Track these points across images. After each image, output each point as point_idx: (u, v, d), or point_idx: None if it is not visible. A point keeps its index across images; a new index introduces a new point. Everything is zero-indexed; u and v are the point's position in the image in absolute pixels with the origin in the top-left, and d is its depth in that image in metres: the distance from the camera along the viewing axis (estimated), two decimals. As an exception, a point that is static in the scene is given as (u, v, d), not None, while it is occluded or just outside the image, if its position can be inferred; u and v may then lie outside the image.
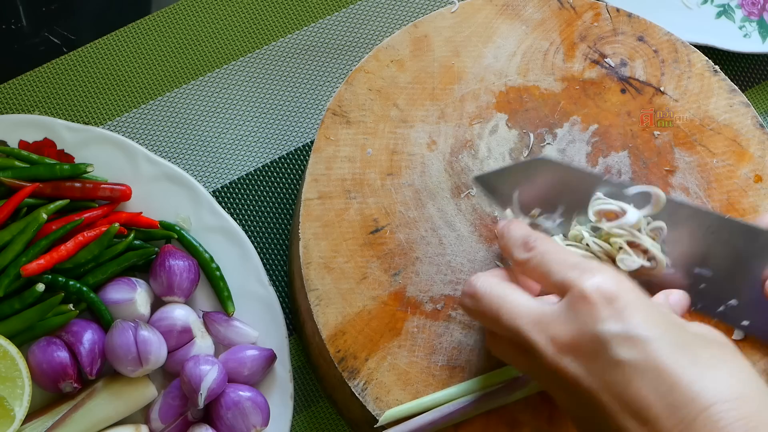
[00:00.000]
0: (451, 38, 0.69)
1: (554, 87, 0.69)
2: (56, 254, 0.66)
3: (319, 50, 0.78)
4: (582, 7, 0.71)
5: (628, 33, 0.70)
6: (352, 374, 0.62)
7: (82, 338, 0.65)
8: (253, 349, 0.68)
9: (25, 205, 0.68)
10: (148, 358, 0.64)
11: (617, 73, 0.70)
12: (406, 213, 0.66)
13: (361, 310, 0.63)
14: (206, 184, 0.75)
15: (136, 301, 0.67)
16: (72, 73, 0.76)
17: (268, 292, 0.70)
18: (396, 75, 0.68)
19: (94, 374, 0.65)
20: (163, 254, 0.68)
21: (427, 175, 0.66)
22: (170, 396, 0.66)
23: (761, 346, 0.65)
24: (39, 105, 0.75)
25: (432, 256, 0.65)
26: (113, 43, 0.77)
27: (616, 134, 0.68)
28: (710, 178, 0.67)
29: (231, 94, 0.77)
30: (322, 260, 0.64)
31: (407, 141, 0.67)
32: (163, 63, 0.77)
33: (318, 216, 0.65)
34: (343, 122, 0.67)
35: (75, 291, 0.66)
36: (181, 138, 0.76)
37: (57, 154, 0.70)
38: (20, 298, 0.66)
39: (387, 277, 0.64)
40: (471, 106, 0.68)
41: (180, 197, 0.71)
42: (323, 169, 0.66)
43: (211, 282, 0.70)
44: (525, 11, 0.70)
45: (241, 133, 0.76)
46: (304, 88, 0.78)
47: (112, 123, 0.75)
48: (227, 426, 0.65)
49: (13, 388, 0.63)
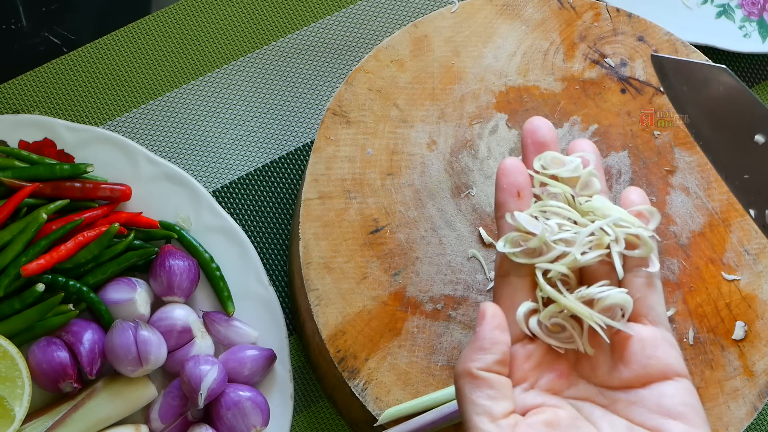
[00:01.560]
0: (451, 38, 0.69)
1: (554, 87, 0.69)
2: (56, 254, 0.66)
3: (319, 50, 0.78)
4: (582, 7, 0.71)
5: (628, 33, 0.70)
6: (352, 374, 0.62)
7: (82, 338, 0.65)
8: (253, 349, 0.68)
9: (25, 205, 0.68)
10: (148, 358, 0.64)
11: (617, 73, 0.70)
12: (406, 213, 0.66)
13: (361, 310, 0.63)
14: (206, 184, 0.75)
15: (136, 301, 0.67)
16: (72, 73, 0.76)
17: (268, 292, 0.70)
18: (396, 75, 0.68)
19: (94, 374, 0.65)
20: (163, 254, 0.68)
21: (427, 175, 0.66)
22: (170, 396, 0.66)
23: (761, 346, 0.65)
24: (39, 105, 0.75)
25: (432, 256, 0.65)
26: (113, 43, 0.77)
27: (616, 134, 0.68)
28: (710, 178, 0.67)
29: (231, 94, 0.77)
30: (322, 260, 0.64)
31: (407, 141, 0.67)
32: (163, 63, 0.77)
33: (318, 216, 0.65)
34: (343, 122, 0.67)
35: (75, 291, 0.66)
36: (181, 138, 0.76)
37: (57, 154, 0.70)
38: (20, 298, 0.66)
39: (387, 277, 0.64)
40: (471, 106, 0.68)
41: (180, 197, 0.71)
42: (323, 169, 0.66)
43: (211, 282, 0.70)
44: (525, 11, 0.70)
45: (241, 133, 0.76)
46: (304, 88, 0.78)
47: (112, 123, 0.75)
48: (227, 426, 0.65)
49: (13, 388, 0.63)
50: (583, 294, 0.49)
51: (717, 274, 0.66)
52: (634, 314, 0.50)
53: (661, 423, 0.46)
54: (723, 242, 0.67)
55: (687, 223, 0.67)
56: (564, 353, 0.50)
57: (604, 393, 0.49)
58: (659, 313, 0.50)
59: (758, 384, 0.64)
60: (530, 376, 0.49)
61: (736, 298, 0.66)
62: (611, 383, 0.49)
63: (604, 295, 0.49)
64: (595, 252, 0.50)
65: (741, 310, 0.65)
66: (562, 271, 0.50)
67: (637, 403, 0.47)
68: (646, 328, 0.49)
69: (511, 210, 0.52)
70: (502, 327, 0.49)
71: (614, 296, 0.49)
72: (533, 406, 0.48)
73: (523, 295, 0.51)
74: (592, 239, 0.50)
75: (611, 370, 0.49)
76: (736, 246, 0.67)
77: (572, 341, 0.49)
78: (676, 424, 0.46)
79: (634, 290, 0.50)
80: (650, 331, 0.49)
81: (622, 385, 0.48)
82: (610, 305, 0.49)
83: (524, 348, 0.50)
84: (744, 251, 0.67)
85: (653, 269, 0.50)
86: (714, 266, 0.66)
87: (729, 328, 0.65)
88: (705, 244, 0.67)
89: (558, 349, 0.50)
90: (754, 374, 0.64)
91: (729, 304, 0.66)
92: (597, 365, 0.49)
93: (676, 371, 0.48)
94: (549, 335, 0.50)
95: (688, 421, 0.46)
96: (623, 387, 0.48)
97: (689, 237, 0.67)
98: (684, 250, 0.66)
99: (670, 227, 0.67)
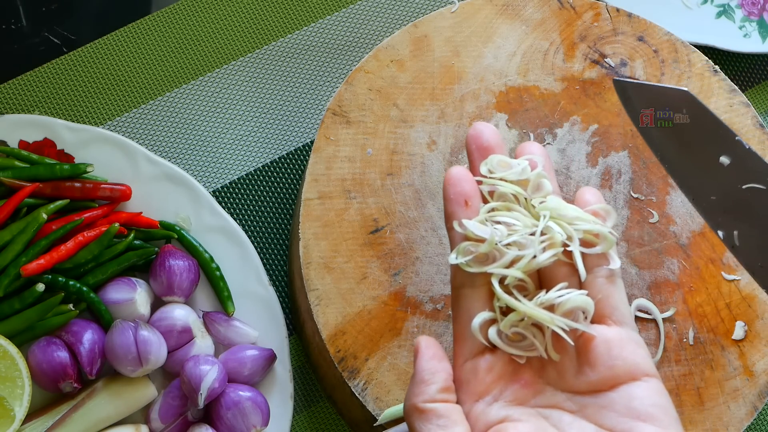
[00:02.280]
0: (451, 38, 0.69)
1: (554, 87, 0.69)
2: (56, 254, 0.66)
3: (319, 50, 0.78)
4: (582, 7, 0.71)
5: (628, 33, 0.70)
6: (352, 374, 0.62)
7: (82, 338, 0.65)
8: (253, 349, 0.68)
9: (25, 205, 0.68)
10: (148, 358, 0.64)
11: (617, 73, 0.70)
12: (406, 213, 0.66)
13: (361, 310, 0.63)
14: (206, 184, 0.75)
15: (136, 301, 0.67)
16: (72, 73, 0.76)
17: (268, 292, 0.70)
18: (396, 75, 0.68)
19: (94, 374, 0.65)
20: (163, 254, 0.68)
21: (427, 175, 0.66)
22: (170, 396, 0.66)
23: (761, 346, 0.65)
24: (39, 105, 0.75)
25: (432, 256, 0.65)
26: (113, 43, 0.77)
27: (616, 134, 0.68)
28: (710, 178, 0.67)
29: (231, 94, 0.77)
30: (322, 260, 0.64)
31: (407, 141, 0.67)
32: (163, 63, 0.77)
33: (318, 216, 0.65)
34: (343, 122, 0.67)
35: (75, 291, 0.66)
36: (181, 138, 0.76)
37: (57, 154, 0.70)
38: (20, 298, 0.66)
39: (387, 277, 0.64)
40: (471, 106, 0.68)
41: (180, 197, 0.71)
42: (323, 169, 0.66)
43: (211, 282, 0.70)
44: (525, 11, 0.70)
45: (241, 133, 0.76)
46: (304, 88, 0.78)
47: (112, 123, 0.75)
48: (227, 426, 0.65)
49: (13, 388, 0.63)
50: (542, 300, 0.48)
51: (717, 274, 0.66)
52: (598, 315, 0.48)
53: (632, 426, 0.45)
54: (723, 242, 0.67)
55: (687, 223, 0.67)
56: (527, 361, 0.48)
57: (572, 399, 0.47)
58: (623, 312, 0.49)
59: (758, 384, 0.64)
60: (493, 389, 0.48)
61: (736, 298, 0.66)
62: (579, 388, 0.47)
63: (564, 299, 0.47)
64: (550, 252, 0.48)
65: (741, 310, 0.65)
66: (518, 276, 0.48)
67: (606, 407, 0.46)
68: (611, 329, 0.48)
69: (459, 219, 0.50)
70: (438, 356, 0.48)
71: (574, 299, 0.47)
72: (497, 421, 0.47)
73: (480, 306, 0.49)
74: (545, 239, 0.49)
75: (578, 374, 0.48)
76: (736, 246, 0.67)
77: (535, 349, 0.48)
78: (646, 426, 0.45)
79: (596, 290, 0.49)
80: (615, 332, 0.48)
81: (590, 389, 0.47)
82: (571, 309, 0.48)
83: (485, 360, 0.48)
84: (744, 251, 0.67)
85: (614, 266, 0.49)
86: (714, 266, 0.66)
87: (729, 328, 0.65)
88: (705, 244, 0.67)
89: (518, 359, 0.48)
90: (754, 374, 0.64)
91: (729, 304, 0.66)
92: (563, 371, 0.48)
93: (644, 371, 0.47)
94: (510, 344, 0.48)
95: (658, 423, 0.45)
96: (591, 391, 0.47)
97: (689, 237, 0.67)
98: (684, 250, 0.66)
99: (670, 227, 0.67)
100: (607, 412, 0.46)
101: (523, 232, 0.49)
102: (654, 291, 0.65)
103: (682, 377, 0.64)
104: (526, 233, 0.49)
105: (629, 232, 0.66)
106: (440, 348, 0.48)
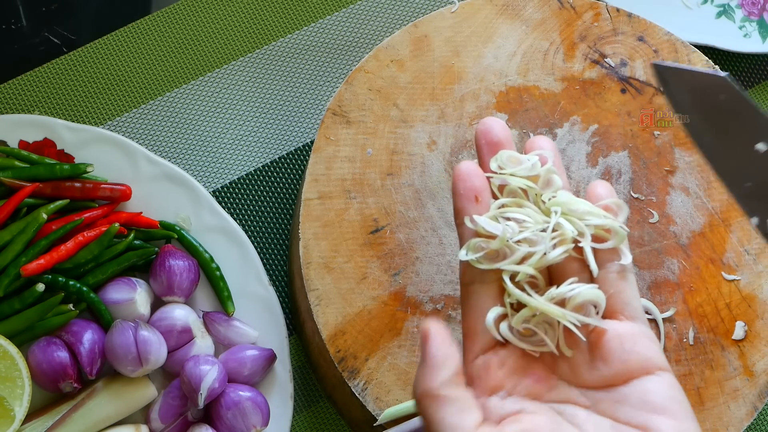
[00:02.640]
0: (451, 38, 0.69)
1: (554, 87, 0.69)
2: (56, 254, 0.66)
3: (319, 50, 0.78)
4: (582, 7, 0.71)
5: (628, 33, 0.70)
6: (352, 374, 0.62)
7: (82, 338, 0.65)
8: (253, 349, 0.68)
9: (25, 205, 0.68)
10: (148, 358, 0.64)
11: (617, 73, 0.70)
12: (406, 213, 0.66)
13: (361, 310, 0.63)
14: (206, 184, 0.75)
15: (136, 301, 0.67)
16: (72, 73, 0.76)
17: (268, 292, 0.70)
18: (396, 75, 0.68)
19: (94, 374, 0.65)
20: (163, 254, 0.68)
21: (427, 175, 0.66)
22: (170, 396, 0.66)
23: (761, 346, 0.65)
24: (39, 105, 0.75)
25: (432, 256, 0.65)
26: (113, 43, 0.77)
27: (616, 134, 0.68)
28: (710, 178, 0.67)
29: (231, 94, 0.77)
30: (322, 260, 0.64)
31: (407, 141, 0.67)
32: (163, 63, 0.77)
33: (318, 216, 0.65)
34: (343, 122, 0.67)
35: (75, 291, 0.66)
36: (181, 138, 0.76)
37: (57, 154, 0.70)
38: (20, 298, 0.66)
39: (387, 277, 0.64)
40: (471, 106, 0.68)
41: (180, 197, 0.71)
42: (323, 169, 0.66)
43: (211, 282, 0.70)
44: (525, 11, 0.70)
45: (241, 133, 0.76)
46: (304, 88, 0.78)
47: (112, 123, 0.75)
48: (227, 426, 0.65)
49: (13, 388, 0.63)
50: (553, 294, 0.47)
51: (717, 274, 0.66)
52: (610, 311, 0.48)
53: (647, 419, 0.45)
54: (723, 242, 0.67)
55: (687, 223, 0.67)
56: (540, 356, 0.48)
57: (586, 394, 0.47)
58: (635, 307, 0.48)
59: (758, 384, 0.64)
60: (507, 383, 0.47)
61: (736, 298, 0.66)
62: (592, 383, 0.47)
63: (574, 293, 0.47)
64: (561, 248, 0.48)
65: (741, 310, 0.65)
66: (530, 272, 0.48)
67: (620, 401, 0.46)
68: (623, 324, 0.48)
69: (470, 215, 0.50)
70: (448, 342, 0.47)
71: (585, 293, 0.47)
72: (513, 413, 0.46)
73: (491, 302, 0.49)
74: (556, 236, 0.48)
75: (591, 369, 0.47)
76: (736, 246, 0.67)
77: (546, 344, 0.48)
78: (662, 419, 0.45)
79: (608, 286, 0.48)
80: (628, 327, 0.48)
81: (603, 384, 0.47)
82: (582, 303, 0.47)
83: (497, 355, 0.48)
84: (744, 251, 0.67)
85: (626, 261, 0.49)
86: (714, 266, 0.66)
87: (729, 328, 0.65)
88: (705, 244, 0.67)
89: (532, 353, 0.48)
90: (754, 374, 0.64)
91: (729, 304, 0.66)
92: (576, 366, 0.48)
93: (657, 365, 0.47)
94: (522, 339, 0.48)
95: (674, 416, 0.45)
96: (605, 386, 0.47)
97: (689, 237, 0.67)
98: (684, 250, 0.66)
99: (670, 227, 0.67)
100: (622, 406, 0.46)
101: (534, 228, 0.48)
102: (654, 291, 0.65)
103: (682, 377, 0.64)
104: (537, 229, 0.48)
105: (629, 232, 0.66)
106: (449, 333, 0.47)
